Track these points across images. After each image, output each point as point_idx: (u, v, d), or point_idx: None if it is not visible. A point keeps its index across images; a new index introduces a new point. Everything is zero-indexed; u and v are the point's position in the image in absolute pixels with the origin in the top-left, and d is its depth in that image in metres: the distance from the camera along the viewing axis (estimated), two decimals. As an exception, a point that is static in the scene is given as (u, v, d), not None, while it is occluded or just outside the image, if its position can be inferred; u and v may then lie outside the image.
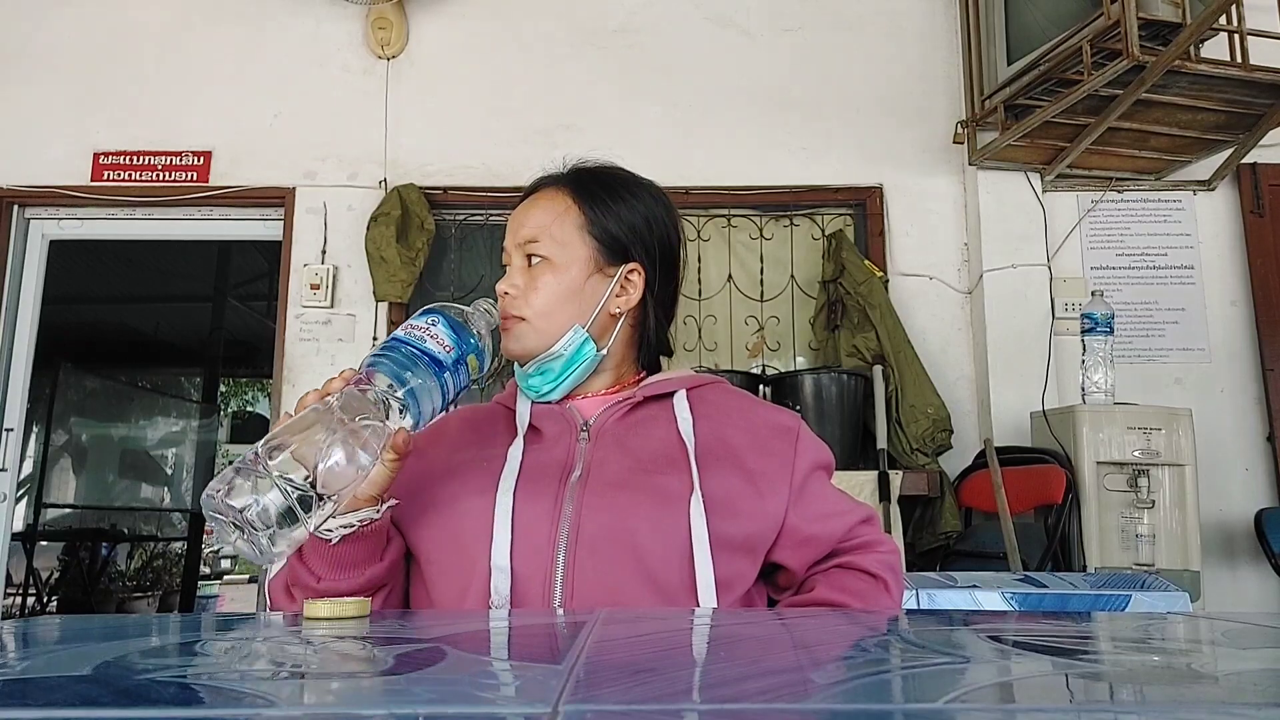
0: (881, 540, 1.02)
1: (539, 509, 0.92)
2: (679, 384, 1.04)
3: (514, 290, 1.01)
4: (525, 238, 1.03)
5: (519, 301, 1.01)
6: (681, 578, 0.90)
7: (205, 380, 7.53)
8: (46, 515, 5.91)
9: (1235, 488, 3.05)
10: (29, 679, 0.44)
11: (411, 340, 0.86)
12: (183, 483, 7.40)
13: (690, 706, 0.38)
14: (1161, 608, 1.23)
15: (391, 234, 3.17)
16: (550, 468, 0.96)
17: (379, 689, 0.43)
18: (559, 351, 1.00)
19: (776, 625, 0.68)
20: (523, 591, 0.89)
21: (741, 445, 0.99)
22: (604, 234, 1.03)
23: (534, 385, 1.03)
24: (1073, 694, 0.42)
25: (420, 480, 0.97)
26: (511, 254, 1.04)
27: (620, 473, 0.95)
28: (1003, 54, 2.95)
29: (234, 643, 0.59)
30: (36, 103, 3.44)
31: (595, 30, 3.46)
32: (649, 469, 0.95)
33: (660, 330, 1.08)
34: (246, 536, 0.72)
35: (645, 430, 0.99)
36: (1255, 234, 3.21)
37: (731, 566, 0.92)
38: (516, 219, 1.05)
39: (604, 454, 0.97)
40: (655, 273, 1.05)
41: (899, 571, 1.01)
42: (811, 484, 1.00)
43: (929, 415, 2.93)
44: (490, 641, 0.59)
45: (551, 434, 1.00)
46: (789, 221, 3.40)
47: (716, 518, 0.91)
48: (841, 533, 1.00)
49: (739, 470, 0.96)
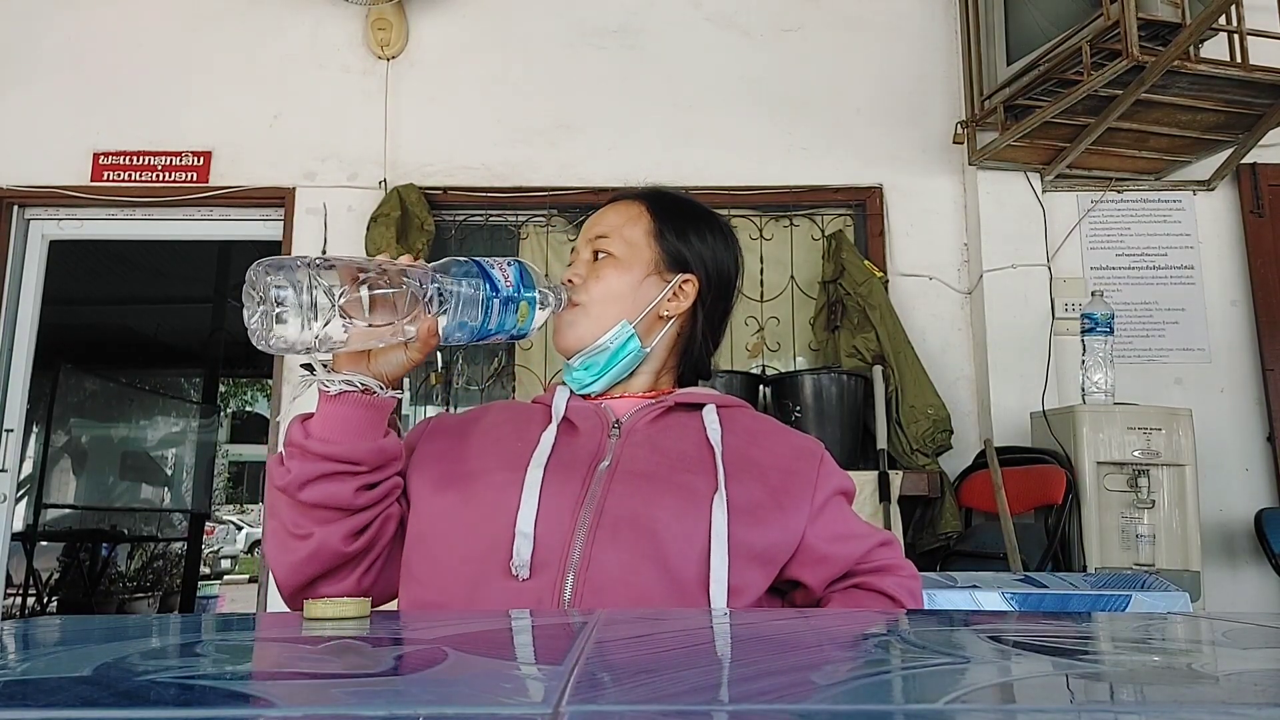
0: (902, 565, 1.04)
1: (567, 488, 0.95)
2: (710, 398, 1.08)
3: (577, 278, 1.08)
4: (596, 233, 1.10)
5: (579, 289, 1.07)
6: (696, 573, 0.91)
7: (205, 381, 7.53)
8: (46, 516, 5.91)
9: (1235, 488, 3.05)
10: (29, 680, 0.44)
11: (481, 261, 0.93)
12: (183, 483, 7.40)
13: (691, 707, 0.38)
14: (1161, 608, 1.23)
15: (391, 234, 3.16)
16: (581, 455, 0.99)
17: (379, 689, 0.43)
18: (605, 344, 1.05)
19: (777, 626, 0.68)
20: (541, 560, 0.91)
21: (766, 462, 1.01)
22: (669, 243, 1.09)
23: (578, 378, 1.08)
24: (1073, 694, 0.42)
25: (454, 453, 1.02)
26: (580, 250, 1.11)
27: (648, 467, 0.97)
28: (1002, 54, 2.95)
29: (234, 643, 0.59)
30: (36, 103, 3.44)
31: (595, 30, 3.46)
32: (677, 467, 0.98)
33: (705, 346, 1.13)
34: (261, 313, 0.78)
35: (675, 434, 1.03)
36: (1255, 234, 3.21)
37: (745, 573, 0.93)
38: (592, 222, 1.13)
39: (634, 449, 1.00)
40: (709, 289, 1.11)
41: (919, 596, 1.03)
42: (832, 506, 1.02)
43: (929, 415, 2.92)
44: (491, 642, 0.59)
45: (585, 428, 1.03)
46: (789, 222, 3.40)
47: (737, 523, 0.93)
48: (860, 554, 1.01)
49: (763, 483, 0.98)
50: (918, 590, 1.02)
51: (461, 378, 3.30)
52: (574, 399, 1.08)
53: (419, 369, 3.30)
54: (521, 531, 0.91)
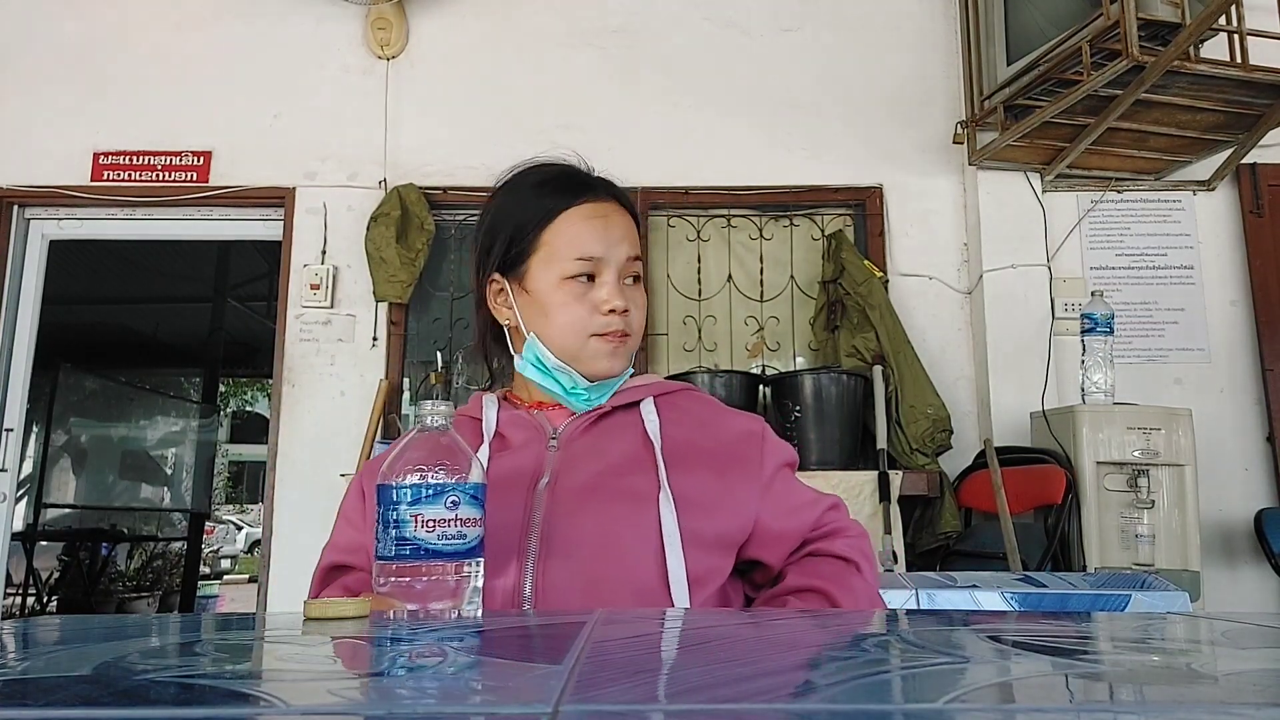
0: (848, 525, 1.04)
1: (508, 518, 0.92)
2: (646, 392, 1.05)
3: (625, 307, 1.00)
4: (634, 254, 1.03)
5: (628, 318, 1.01)
6: (654, 574, 0.90)
7: (205, 380, 7.53)
8: (46, 515, 5.91)
9: (1235, 488, 3.05)
10: (29, 679, 0.44)
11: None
12: (183, 483, 7.40)
13: (690, 707, 0.38)
14: (1161, 608, 1.23)
15: (391, 234, 3.17)
16: (518, 475, 0.96)
17: (379, 689, 0.43)
18: (613, 384, 1.04)
19: (777, 626, 0.68)
20: (490, 595, 0.88)
21: (709, 448, 1.00)
22: (643, 258, 1.08)
23: (591, 400, 1.03)
24: (1073, 694, 0.42)
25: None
26: (608, 265, 1.00)
27: (589, 477, 0.95)
28: (1002, 54, 2.95)
29: (234, 643, 0.59)
30: (36, 103, 3.44)
31: (595, 30, 3.46)
32: (618, 472, 0.96)
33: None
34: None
35: (613, 436, 1.01)
36: (1255, 234, 3.21)
37: (704, 562, 0.93)
38: (614, 229, 1.02)
39: (572, 461, 0.98)
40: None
41: (869, 554, 1.02)
42: (778, 482, 1.01)
43: (929, 415, 2.92)
44: (490, 642, 0.59)
45: (519, 441, 1.00)
46: (789, 222, 3.40)
47: (687, 515, 0.93)
48: (811, 522, 1.01)
49: (708, 470, 0.98)
50: (868, 548, 1.03)
51: (461, 377, 3.30)
52: (505, 409, 1.04)
53: (418, 369, 3.30)
54: None
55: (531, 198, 1.04)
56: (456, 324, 3.35)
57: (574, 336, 0.99)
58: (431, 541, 0.78)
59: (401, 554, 0.78)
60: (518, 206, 1.04)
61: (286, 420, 3.21)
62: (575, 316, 0.99)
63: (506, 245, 1.03)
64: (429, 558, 0.78)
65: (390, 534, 0.79)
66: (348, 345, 3.25)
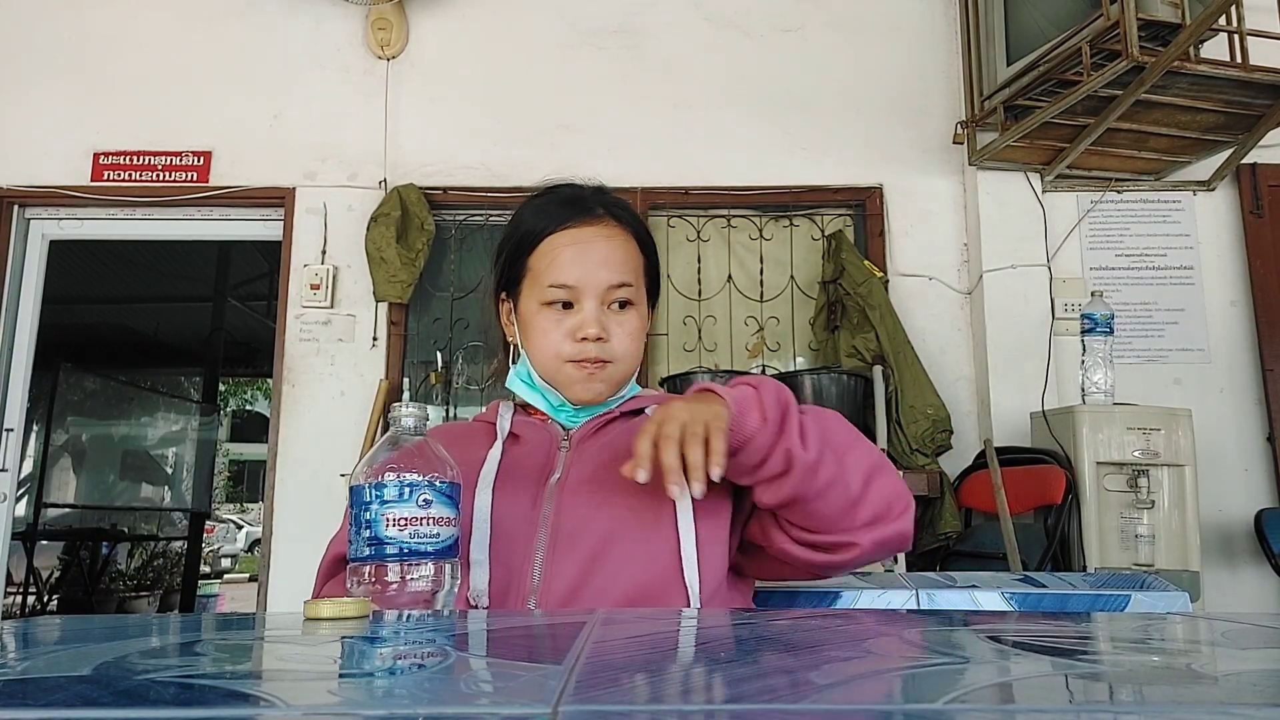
0: None
1: (518, 508, 0.94)
2: (651, 400, 1.07)
3: (605, 335, 0.99)
4: (617, 280, 1.00)
5: (606, 346, 1.00)
6: (664, 568, 0.91)
7: (205, 380, 7.53)
8: (47, 515, 5.91)
9: (1235, 488, 3.05)
10: (29, 679, 0.44)
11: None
12: (183, 482, 7.40)
13: (690, 707, 0.38)
14: (1161, 608, 1.23)
15: (391, 234, 3.17)
16: (529, 469, 0.98)
17: (379, 689, 0.43)
18: (623, 393, 1.04)
19: (776, 625, 0.68)
20: (500, 587, 0.90)
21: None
22: (652, 278, 1.07)
23: (577, 419, 1.04)
24: (1072, 694, 0.42)
25: None
26: (584, 292, 0.99)
27: (600, 472, 0.97)
28: (1002, 54, 2.95)
29: (234, 643, 0.59)
30: (36, 103, 3.44)
31: (595, 30, 3.46)
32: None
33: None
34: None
35: (623, 439, 1.01)
36: (1255, 234, 3.21)
37: (710, 554, 0.94)
38: (595, 255, 1.00)
39: (583, 458, 0.99)
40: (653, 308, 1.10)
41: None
42: None
43: (929, 416, 2.93)
44: (490, 642, 0.59)
45: (532, 440, 1.02)
46: (789, 222, 3.40)
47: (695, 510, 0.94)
48: None
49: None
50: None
51: (461, 377, 3.30)
52: (519, 414, 1.06)
53: (419, 369, 3.30)
54: (476, 560, 0.90)
55: (527, 220, 1.06)
56: (456, 324, 3.35)
57: (551, 361, 1.00)
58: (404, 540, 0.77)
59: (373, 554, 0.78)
60: (516, 229, 1.07)
61: (286, 420, 3.21)
62: (551, 342, 1.00)
63: (504, 266, 1.06)
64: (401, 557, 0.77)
65: (362, 535, 0.79)
66: (348, 345, 3.25)
